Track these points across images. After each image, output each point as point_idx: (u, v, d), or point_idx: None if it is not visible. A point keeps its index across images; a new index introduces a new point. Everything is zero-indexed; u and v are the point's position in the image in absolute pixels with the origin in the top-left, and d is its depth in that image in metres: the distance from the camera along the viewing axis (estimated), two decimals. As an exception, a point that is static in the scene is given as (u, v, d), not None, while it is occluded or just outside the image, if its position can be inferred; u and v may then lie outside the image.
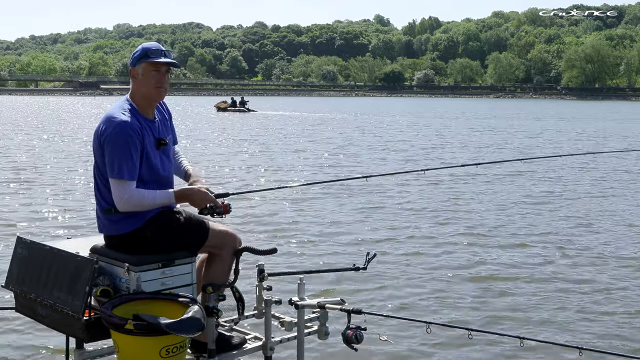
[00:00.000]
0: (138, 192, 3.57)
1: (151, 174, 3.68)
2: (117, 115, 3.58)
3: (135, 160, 3.55)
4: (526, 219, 11.54)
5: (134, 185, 3.56)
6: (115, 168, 3.52)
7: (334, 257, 8.78)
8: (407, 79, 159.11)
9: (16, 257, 3.87)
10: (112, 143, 3.53)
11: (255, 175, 16.90)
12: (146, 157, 3.63)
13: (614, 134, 34.60)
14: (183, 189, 3.74)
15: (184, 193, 3.71)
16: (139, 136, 3.57)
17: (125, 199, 3.54)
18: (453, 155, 22.54)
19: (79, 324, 3.38)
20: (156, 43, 3.85)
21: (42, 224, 10.72)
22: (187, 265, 3.71)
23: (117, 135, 3.52)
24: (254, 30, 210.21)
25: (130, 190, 3.54)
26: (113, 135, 3.53)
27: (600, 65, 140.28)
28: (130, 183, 3.55)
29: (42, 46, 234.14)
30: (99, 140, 3.61)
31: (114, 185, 3.56)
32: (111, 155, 3.53)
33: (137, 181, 3.60)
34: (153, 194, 3.61)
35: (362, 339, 3.57)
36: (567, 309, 6.90)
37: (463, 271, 8.24)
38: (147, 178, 3.66)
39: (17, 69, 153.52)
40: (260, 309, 3.92)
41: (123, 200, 3.54)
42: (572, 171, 18.52)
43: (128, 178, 3.53)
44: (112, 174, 3.54)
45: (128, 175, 3.53)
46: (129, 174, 3.53)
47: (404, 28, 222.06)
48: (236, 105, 57.98)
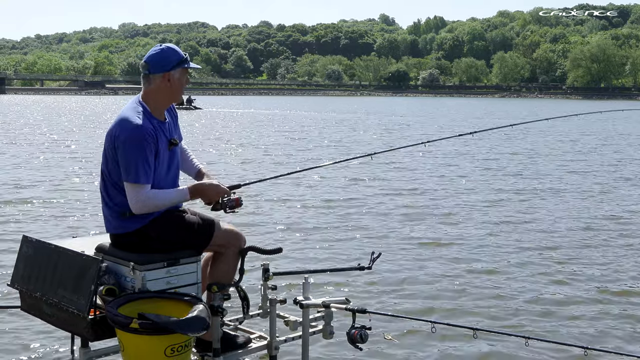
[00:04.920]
0: (154, 193, 3.58)
1: (162, 174, 3.70)
2: (132, 119, 3.58)
3: (151, 163, 3.57)
4: (533, 215, 11.51)
5: (149, 188, 3.58)
6: (131, 172, 3.53)
7: (338, 256, 8.77)
8: (412, 79, 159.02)
9: (22, 255, 3.88)
10: (128, 147, 3.53)
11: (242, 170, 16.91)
12: (158, 159, 3.65)
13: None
14: (196, 184, 3.77)
15: (197, 188, 3.74)
16: (153, 139, 3.58)
17: (142, 203, 3.56)
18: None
19: (84, 323, 3.39)
20: (173, 45, 3.87)
21: (48, 222, 10.74)
22: (192, 264, 3.72)
23: (132, 140, 3.53)
24: (259, 30, 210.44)
25: (146, 194, 3.56)
26: (129, 139, 3.53)
27: (605, 65, 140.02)
28: (146, 187, 3.57)
29: (47, 45, 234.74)
30: (113, 143, 3.60)
31: (129, 189, 3.56)
32: (127, 159, 3.53)
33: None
34: (168, 194, 3.63)
35: (367, 338, 3.57)
36: (573, 308, 6.87)
37: (468, 270, 8.22)
38: (157, 179, 3.68)
39: (23, 68, 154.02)
40: (265, 308, 3.93)
41: (140, 204, 3.56)
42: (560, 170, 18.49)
43: (144, 182, 3.55)
44: (128, 178, 3.55)
45: (144, 179, 3.54)
46: (145, 178, 3.54)
47: (409, 27, 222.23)
48: (183, 104, 58.75)
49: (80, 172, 17.09)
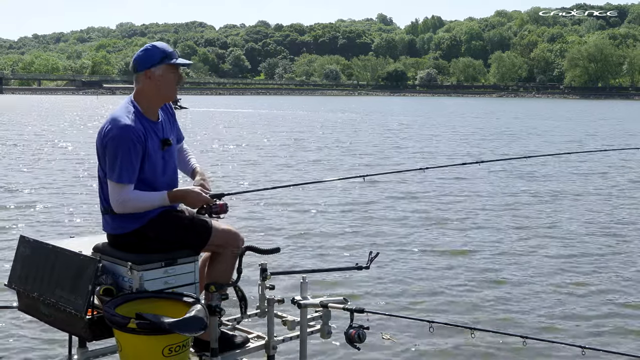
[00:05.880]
0: (135, 194, 3.58)
1: (154, 175, 3.69)
2: (121, 118, 3.58)
3: (135, 164, 3.56)
4: (534, 217, 11.53)
5: (132, 188, 3.58)
6: (114, 171, 3.54)
7: (336, 256, 8.78)
8: (409, 78, 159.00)
9: (19, 255, 3.88)
10: (114, 146, 3.54)
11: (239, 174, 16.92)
12: (149, 159, 3.63)
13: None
14: (176, 191, 3.71)
15: (177, 195, 3.69)
16: (140, 140, 3.57)
17: (122, 203, 3.57)
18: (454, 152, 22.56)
19: (82, 323, 3.39)
20: (163, 43, 3.85)
21: (45, 222, 10.73)
22: (190, 264, 3.72)
23: (119, 139, 3.53)
24: (257, 29, 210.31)
25: (127, 194, 3.56)
26: (115, 138, 3.54)
27: (603, 65, 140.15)
28: (128, 186, 3.57)
29: (44, 45, 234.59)
30: (102, 141, 3.62)
31: (111, 188, 3.59)
32: (112, 158, 3.55)
33: (139, 183, 3.62)
34: (148, 197, 3.61)
35: (364, 338, 3.57)
36: (571, 308, 6.88)
37: (466, 270, 8.23)
38: (150, 179, 3.67)
39: (20, 68, 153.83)
40: (263, 308, 3.92)
41: (119, 203, 3.57)
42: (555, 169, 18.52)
43: (126, 182, 3.55)
44: (111, 177, 3.57)
45: (127, 179, 3.55)
46: (127, 178, 3.55)
47: (407, 27, 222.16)
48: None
49: (77, 172, 17.08)
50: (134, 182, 3.58)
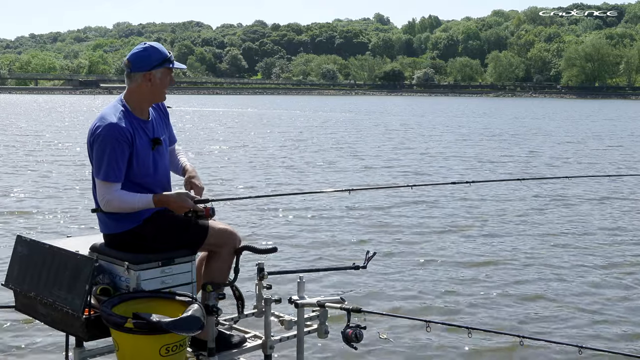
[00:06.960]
0: (119, 194, 3.58)
1: (143, 175, 3.67)
2: (109, 117, 3.58)
3: (120, 163, 3.56)
4: (532, 218, 11.54)
5: (118, 187, 3.58)
6: (101, 169, 3.55)
7: (333, 256, 8.78)
8: (407, 78, 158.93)
9: (16, 255, 3.87)
10: (100, 144, 3.55)
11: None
12: (137, 158, 3.62)
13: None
14: (161, 195, 3.66)
15: (162, 199, 3.65)
16: (127, 140, 3.56)
17: (107, 200, 3.58)
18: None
19: (79, 323, 3.39)
20: (159, 44, 3.82)
21: (42, 222, 10.71)
22: (187, 263, 3.72)
23: (105, 137, 3.54)
24: (254, 29, 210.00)
25: (112, 192, 3.57)
26: (102, 136, 3.54)
27: (600, 64, 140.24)
28: (114, 185, 3.57)
29: (41, 44, 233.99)
30: (90, 139, 3.63)
31: (98, 186, 3.61)
32: (98, 156, 3.56)
33: (129, 182, 3.62)
34: (133, 198, 3.60)
35: (361, 337, 3.57)
36: (568, 308, 6.89)
37: (463, 269, 8.24)
38: (139, 179, 3.66)
39: (17, 67, 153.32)
40: (260, 308, 3.93)
41: (105, 201, 3.59)
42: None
43: (112, 180, 3.56)
44: (98, 175, 3.59)
45: (113, 177, 3.55)
46: (113, 177, 3.55)
47: (404, 27, 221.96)
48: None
49: (74, 171, 17.06)
50: (121, 181, 3.59)
